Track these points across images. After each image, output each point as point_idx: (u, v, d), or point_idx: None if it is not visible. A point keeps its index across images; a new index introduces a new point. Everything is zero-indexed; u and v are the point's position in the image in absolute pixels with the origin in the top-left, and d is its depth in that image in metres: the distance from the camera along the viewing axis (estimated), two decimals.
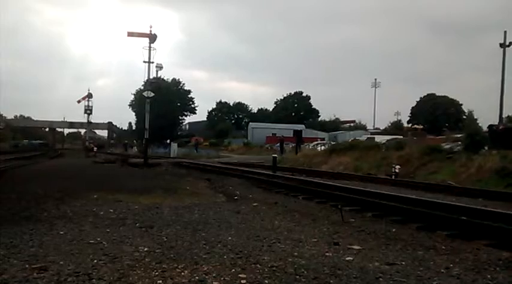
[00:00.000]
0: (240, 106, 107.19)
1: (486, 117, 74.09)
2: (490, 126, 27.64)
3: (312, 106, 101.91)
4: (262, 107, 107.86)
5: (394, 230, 7.50)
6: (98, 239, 6.12)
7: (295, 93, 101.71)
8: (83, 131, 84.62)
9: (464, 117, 75.23)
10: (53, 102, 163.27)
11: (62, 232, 6.55)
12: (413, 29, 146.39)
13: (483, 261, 5.45)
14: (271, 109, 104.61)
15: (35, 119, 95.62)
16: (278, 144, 46.93)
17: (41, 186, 12.65)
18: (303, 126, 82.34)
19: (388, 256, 5.63)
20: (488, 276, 4.81)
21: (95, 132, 70.48)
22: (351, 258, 5.43)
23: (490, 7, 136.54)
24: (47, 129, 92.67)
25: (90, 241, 5.98)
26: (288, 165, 28.46)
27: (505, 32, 32.50)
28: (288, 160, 33.34)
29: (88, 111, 71.07)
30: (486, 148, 23.07)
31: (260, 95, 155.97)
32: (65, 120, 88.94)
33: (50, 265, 4.78)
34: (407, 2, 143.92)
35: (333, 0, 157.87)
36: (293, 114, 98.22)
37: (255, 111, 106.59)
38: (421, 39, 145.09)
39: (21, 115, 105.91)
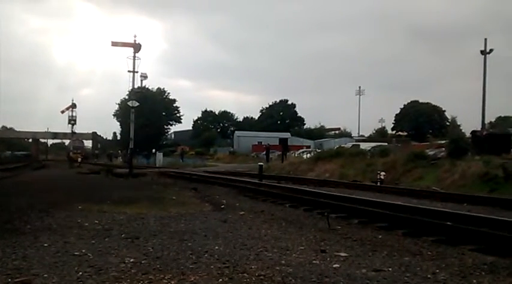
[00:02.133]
0: (226, 115, 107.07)
1: (469, 123, 75.06)
2: (473, 132, 28.02)
3: (297, 114, 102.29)
4: (248, 116, 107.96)
5: (380, 236, 7.53)
6: (83, 251, 6.04)
7: (281, 101, 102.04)
8: (67, 142, 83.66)
9: (448, 123, 76.32)
10: (36, 113, 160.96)
11: (46, 244, 6.45)
12: (397, 37, 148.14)
13: (468, 266, 5.50)
14: (256, 118, 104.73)
15: (17, 130, 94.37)
16: (264, 152, 46.99)
17: (24, 198, 12.45)
18: (289, 134, 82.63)
19: (374, 262, 5.65)
20: (474, 281, 4.85)
21: (82, 142, 69.27)
22: (338, 265, 5.44)
23: (472, 14, 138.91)
24: (30, 140, 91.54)
25: (75, 253, 5.89)
26: (274, 173, 28.49)
27: (485, 39, 33.12)
28: (274, 168, 33.37)
29: (72, 121, 70.53)
30: (469, 154, 23.35)
31: (245, 104, 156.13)
32: (49, 130, 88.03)
33: (33, 278, 4.70)
34: (392, 10, 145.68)
35: (318, 9, 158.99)
36: (279, 122, 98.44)
37: (241, 120, 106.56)
38: (405, 46, 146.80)
39: (3, 126, 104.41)
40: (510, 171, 17.25)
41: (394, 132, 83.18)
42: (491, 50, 32.99)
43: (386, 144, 43.91)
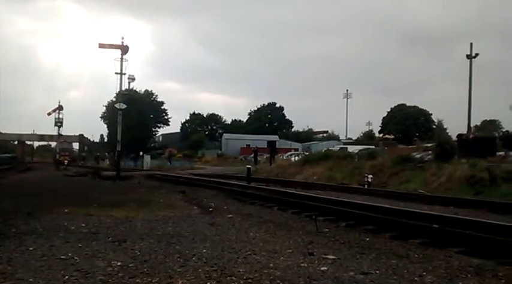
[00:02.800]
0: (214, 118, 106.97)
1: (455, 127, 76.06)
2: (459, 135, 28.35)
3: (285, 117, 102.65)
4: (236, 118, 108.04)
5: (368, 239, 7.57)
6: (70, 254, 5.97)
7: (269, 104, 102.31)
8: (53, 144, 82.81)
9: (434, 126, 77.20)
10: (22, 115, 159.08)
11: (31, 248, 6.36)
12: (385, 41, 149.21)
13: (455, 268, 5.54)
14: (245, 121, 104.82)
15: (3, 132, 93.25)
16: (252, 155, 46.96)
17: (9, 201, 12.29)
18: (277, 136, 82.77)
19: (362, 265, 5.67)
20: (460, 283, 4.89)
21: (71, 144, 68.33)
22: (326, 268, 5.45)
23: (461, 19, 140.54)
24: (16, 142, 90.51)
25: (61, 257, 5.83)
26: (262, 176, 28.49)
27: (471, 43, 33.61)
28: (262, 171, 33.40)
29: (59, 123, 69.89)
30: (456, 157, 23.59)
31: (233, 106, 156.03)
32: (35, 132, 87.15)
33: (18, 282, 4.64)
34: (381, 15, 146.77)
35: (307, 13, 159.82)
36: (267, 125, 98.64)
37: (229, 122, 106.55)
38: (393, 50, 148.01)
39: None
40: (495, 173, 17.47)
41: (381, 135, 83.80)
42: (477, 54, 33.45)
43: (373, 147, 44.30)
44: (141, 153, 54.95)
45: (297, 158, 41.96)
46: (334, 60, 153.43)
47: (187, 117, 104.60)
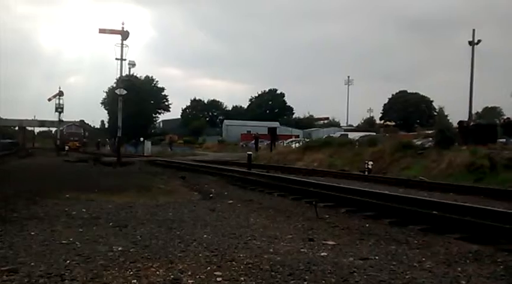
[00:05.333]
0: (215, 104, 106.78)
1: (456, 114, 75.84)
2: (460, 122, 28.25)
3: (286, 103, 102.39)
4: (237, 105, 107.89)
5: (367, 225, 7.60)
6: (71, 239, 6.01)
7: (270, 90, 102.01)
8: (54, 129, 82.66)
9: (435, 113, 77.04)
10: (23, 100, 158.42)
11: (33, 233, 6.40)
12: (387, 27, 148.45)
13: (454, 254, 5.58)
14: (246, 107, 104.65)
15: (3, 118, 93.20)
16: (253, 142, 46.95)
17: (11, 186, 12.34)
18: (278, 123, 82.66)
19: (361, 251, 5.71)
20: (459, 269, 4.92)
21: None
22: (326, 254, 5.48)
23: (462, 5, 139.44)
24: (17, 128, 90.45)
25: (63, 242, 5.86)
26: (263, 163, 28.51)
27: (474, 30, 33.33)
28: (263, 157, 33.38)
29: (59, 109, 69.46)
30: (456, 144, 23.56)
31: (235, 93, 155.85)
32: (36, 118, 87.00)
33: (20, 266, 4.67)
34: (382, 0, 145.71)
35: None
36: (268, 111, 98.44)
37: (230, 109, 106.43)
38: (395, 37, 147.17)
39: None
40: (496, 160, 17.46)
41: (382, 121, 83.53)
42: (479, 41, 33.20)
43: (374, 133, 44.21)
44: (141, 139, 54.94)
45: (297, 145, 41.89)
46: (336, 47, 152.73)
47: (188, 103, 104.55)
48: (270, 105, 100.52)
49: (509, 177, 16.09)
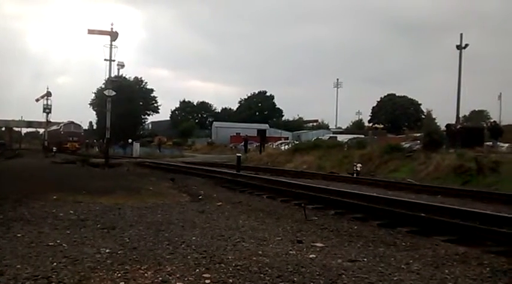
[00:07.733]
0: (204, 106, 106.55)
1: (444, 117, 76.19)
2: (448, 125, 28.50)
3: (275, 105, 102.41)
4: (226, 106, 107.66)
5: (356, 227, 7.62)
6: (58, 241, 5.95)
7: (259, 92, 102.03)
8: (41, 130, 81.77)
9: (423, 116, 77.49)
10: (10, 101, 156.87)
11: (19, 235, 6.33)
12: (375, 30, 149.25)
13: (441, 256, 5.62)
14: (235, 109, 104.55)
15: None
16: (242, 144, 46.95)
17: None
18: (267, 125, 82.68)
19: (350, 253, 5.73)
20: (446, 271, 4.96)
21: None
22: (314, 256, 5.50)
23: (450, 9, 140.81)
24: (3, 129, 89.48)
25: (50, 244, 5.81)
26: (252, 164, 28.54)
27: (461, 34, 33.46)
28: (252, 159, 33.43)
29: (47, 110, 68.72)
30: (444, 146, 23.76)
31: (224, 94, 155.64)
32: (23, 119, 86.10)
33: (6, 269, 4.62)
34: (371, 4, 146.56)
35: (297, 1, 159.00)
36: (257, 113, 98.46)
37: (219, 111, 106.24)
38: (383, 40, 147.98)
39: None
40: (483, 163, 17.64)
41: (370, 124, 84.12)
42: (466, 45, 33.42)
43: (363, 136, 44.41)
44: (130, 141, 54.61)
45: (287, 147, 41.98)
46: (325, 49, 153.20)
47: (177, 105, 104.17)
48: (259, 107, 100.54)
49: (496, 179, 16.27)
